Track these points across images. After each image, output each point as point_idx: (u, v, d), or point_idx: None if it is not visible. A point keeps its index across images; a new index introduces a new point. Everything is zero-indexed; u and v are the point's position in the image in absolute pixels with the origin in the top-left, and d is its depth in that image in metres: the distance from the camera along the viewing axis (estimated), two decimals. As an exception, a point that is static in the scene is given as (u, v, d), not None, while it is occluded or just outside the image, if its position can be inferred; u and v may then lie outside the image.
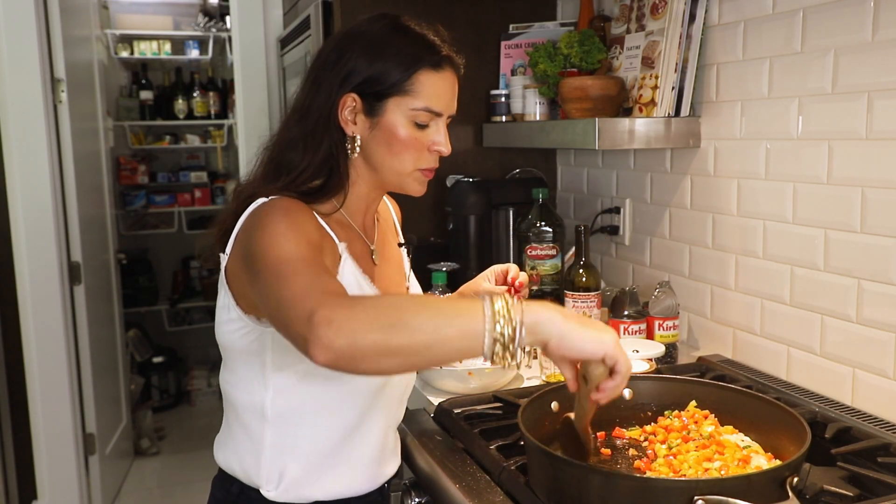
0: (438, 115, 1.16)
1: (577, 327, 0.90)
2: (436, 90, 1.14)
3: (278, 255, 0.98)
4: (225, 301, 1.16)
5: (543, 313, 0.90)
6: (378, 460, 1.25)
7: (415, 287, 1.39)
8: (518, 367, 0.92)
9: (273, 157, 1.18)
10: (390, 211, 1.43)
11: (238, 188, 1.19)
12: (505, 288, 1.40)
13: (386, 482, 1.29)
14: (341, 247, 1.14)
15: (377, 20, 1.17)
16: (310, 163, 1.15)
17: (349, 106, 1.14)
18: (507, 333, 0.87)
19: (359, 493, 1.23)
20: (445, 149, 1.17)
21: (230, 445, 1.23)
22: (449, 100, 1.17)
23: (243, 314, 1.13)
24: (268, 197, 1.11)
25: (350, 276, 1.14)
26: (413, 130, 1.15)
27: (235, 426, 1.22)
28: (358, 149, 1.16)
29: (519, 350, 0.88)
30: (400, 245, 1.38)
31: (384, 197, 1.41)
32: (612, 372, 0.94)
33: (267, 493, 1.18)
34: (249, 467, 1.19)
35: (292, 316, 0.90)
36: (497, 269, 1.44)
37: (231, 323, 1.16)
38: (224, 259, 1.15)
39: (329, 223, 1.16)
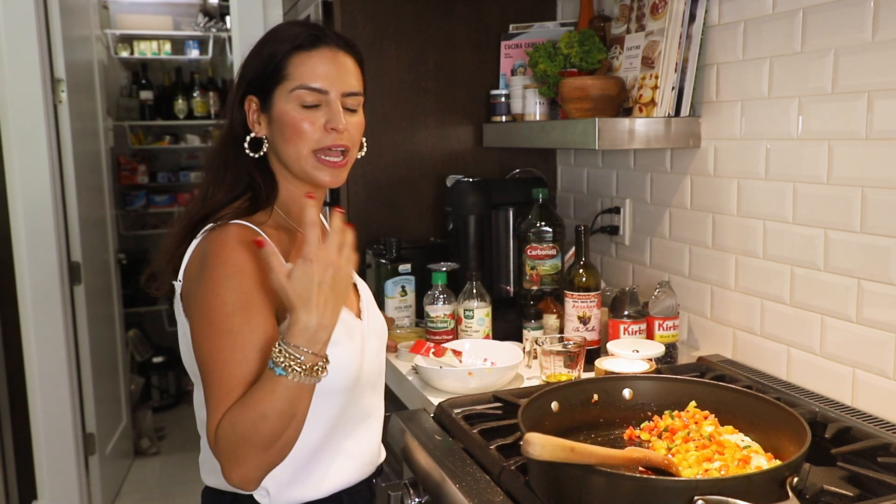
0: (323, 92, 1.17)
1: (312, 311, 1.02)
2: (312, 68, 1.16)
3: (207, 342, 1.07)
4: (184, 328, 1.16)
5: (290, 330, 1.02)
6: (364, 449, 1.27)
7: (359, 280, 1.38)
8: (323, 370, 1.04)
9: (212, 172, 1.22)
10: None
11: (186, 210, 1.22)
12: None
13: (375, 473, 1.31)
14: (288, 267, 1.16)
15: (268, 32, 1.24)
16: (242, 173, 1.19)
17: (253, 109, 1.20)
18: (298, 360, 1.01)
19: (351, 483, 1.25)
20: (338, 124, 1.16)
21: (215, 466, 1.21)
22: (332, 76, 1.17)
23: None
24: (217, 222, 1.14)
25: None
26: (301, 113, 1.16)
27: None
28: (266, 147, 1.20)
29: (312, 354, 1.02)
30: None
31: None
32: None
33: (261, 499, 1.19)
34: None
35: (206, 428, 1.06)
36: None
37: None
38: (178, 286, 1.17)
39: (275, 235, 1.17)
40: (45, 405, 3.00)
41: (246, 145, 1.20)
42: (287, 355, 1.00)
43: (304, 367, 1.01)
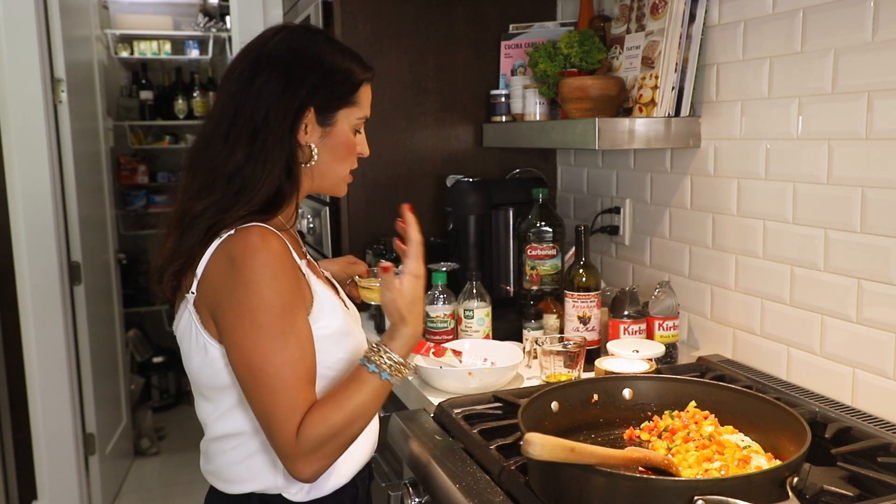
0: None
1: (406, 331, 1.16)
2: (369, 100, 1.28)
3: (262, 352, 1.08)
4: (200, 341, 1.15)
5: (393, 339, 1.15)
6: (369, 428, 1.30)
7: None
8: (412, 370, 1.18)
9: (224, 175, 1.15)
10: None
11: (186, 213, 1.16)
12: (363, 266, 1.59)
13: (370, 461, 1.34)
14: (302, 263, 1.19)
15: (308, 34, 1.23)
16: (268, 177, 1.15)
17: (309, 118, 1.19)
18: (394, 367, 1.13)
19: (363, 464, 1.30)
20: (367, 152, 1.30)
21: (248, 476, 1.21)
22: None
23: (218, 346, 1.14)
24: (234, 228, 1.11)
25: (327, 301, 1.20)
26: (353, 137, 1.26)
27: (237, 455, 1.21)
28: (316, 158, 1.22)
29: (403, 361, 1.14)
30: None
31: None
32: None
33: (293, 496, 1.20)
34: (266, 479, 1.20)
35: (275, 443, 1.09)
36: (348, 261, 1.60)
37: (216, 362, 1.15)
38: (191, 298, 1.14)
39: (286, 236, 1.18)
40: (45, 405, 3.00)
41: (314, 155, 1.22)
42: (389, 359, 1.12)
43: (397, 369, 1.13)
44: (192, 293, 1.14)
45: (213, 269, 1.11)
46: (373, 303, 1.64)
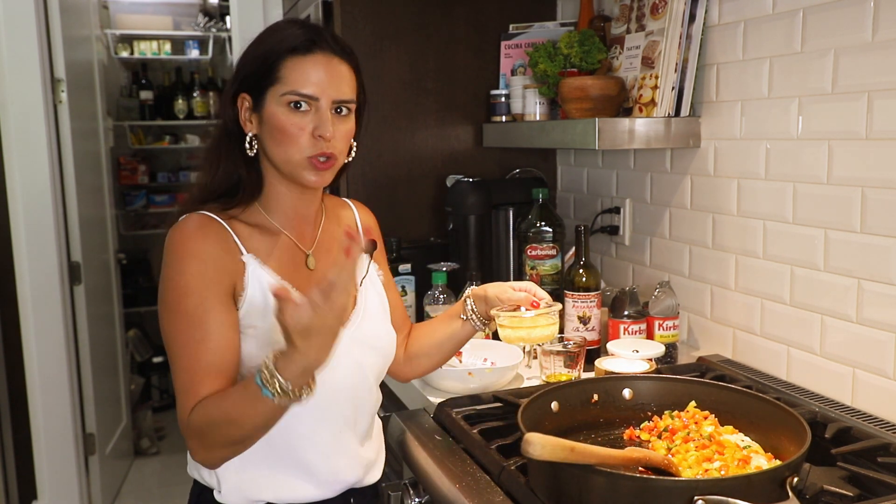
0: (314, 98, 1.17)
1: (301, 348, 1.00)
2: (304, 73, 1.16)
3: (170, 325, 1.14)
4: None
5: (283, 362, 1.01)
6: (330, 467, 1.23)
7: (367, 294, 1.33)
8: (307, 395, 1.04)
9: (200, 172, 1.26)
10: (354, 217, 1.42)
11: (180, 206, 1.26)
12: (524, 296, 1.39)
13: (349, 492, 1.27)
14: (248, 257, 1.18)
15: (277, 24, 1.25)
16: (220, 170, 1.22)
17: (245, 107, 1.20)
18: (280, 389, 1.00)
19: (309, 499, 1.22)
20: (326, 132, 1.16)
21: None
22: (324, 83, 1.17)
23: None
24: (182, 215, 1.19)
25: (258, 285, 1.17)
26: (291, 117, 1.16)
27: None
28: (255, 146, 1.21)
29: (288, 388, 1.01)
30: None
31: (349, 202, 1.43)
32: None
33: (216, 494, 1.22)
34: (202, 475, 1.24)
35: (177, 410, 1.12)
36: (521, 286, 1.42)
37: None
38: None
39: (248, 231, 1.20)
40: (45, 405, 3.00)
41: (248, 144, 1.21)
42: (278, 383, 1.00)
43: (292, 393, 1.01)
44: None
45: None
46: (513, 344, 1.48)
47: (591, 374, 1.55)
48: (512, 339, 1.40)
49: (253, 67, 1.19)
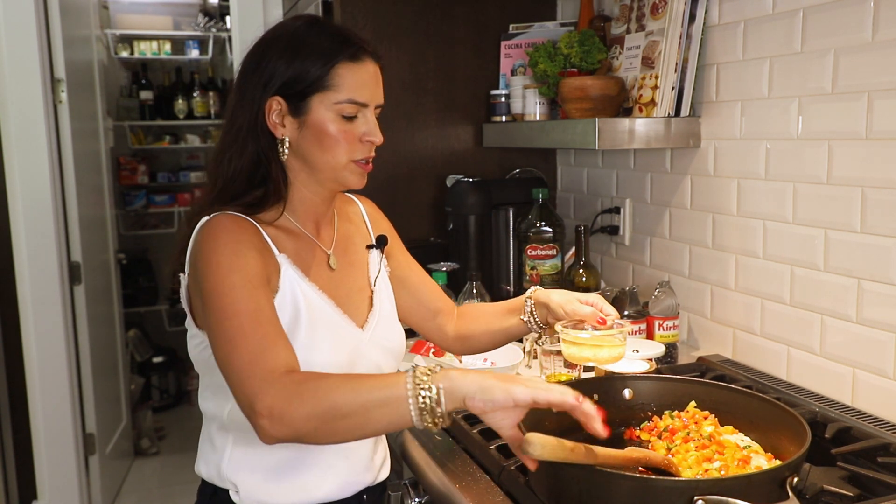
0: (364, 105, 1.17)
1: (491, 382, 0.96)
2: (357, 81, 1.16)
3: (225, 306, 1.04)
4: (189, 319, 1.19)
5: (459, 377, 0.97)
6: (351, 467, 1.22)
7: (382, 291, 1.33)
8: (446, 424, 0.97)
9: (210, 172, 1.22)
10: (361, 213, 1.41)
11: (195, 204, 1.24)
12: (591, 311, 1.34)
13: (364, 491, 1.26)
14: (281, 258, 1.16)
15: (293, 21, 1.20)
16: (238, 171, 1.17)
17: (275, 110, 1.16)
18: (430, 403, 0.95)
19: (329, 499, 1.21)
20: (377, 138, 1.18)
21: (203, 454, 1.26)
22: (372, 89, 1.18)
23: (199, 331, 1.17)
24: (210, 215, 1.14)
25: (289, 286, 1.15)
26: (341, 124, 1.16)
27: (204, 435, 1.26)
28: (287, 151, 1.18)
29: (446, 413, 0.96)
30: (369, 247, 1.35)
31: (354, 197, 1.42)
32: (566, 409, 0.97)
33: (233, 496, 1.20)
34: (214, 476, 1.22)
35: (237, 392, 1.01)
36: (589, 297, 1.38)
37: (194, 338, 1.19)
38: (184, 279, 1.17)
39: (274, 232, 1.18)
40: (45, 405, 3.00)
41: (280, 148, 1.18)
42: (426, 382, 0.95)
43: (428, 401, 0.95)
44: (185, 275, 1.17)
45: (191, 252, 1.14)
46: (577, 363, 1.40)
47: (591, 374, 1.55)
48: (576, 359, 1.33)
49: (293, 73, 1.15)
